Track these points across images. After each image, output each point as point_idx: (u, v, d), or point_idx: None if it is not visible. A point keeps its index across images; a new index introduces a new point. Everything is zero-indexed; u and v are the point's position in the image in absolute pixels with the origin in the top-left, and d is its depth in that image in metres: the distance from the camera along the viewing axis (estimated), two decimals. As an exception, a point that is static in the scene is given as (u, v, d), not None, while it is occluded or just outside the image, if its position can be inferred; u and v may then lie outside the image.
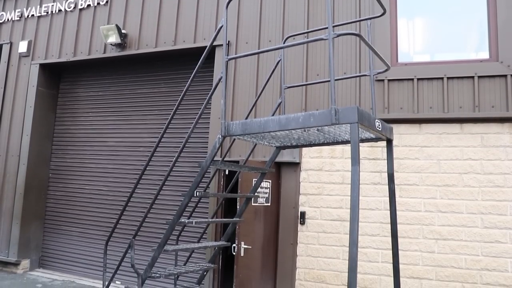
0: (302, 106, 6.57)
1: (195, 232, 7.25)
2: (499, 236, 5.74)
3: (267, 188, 6.32)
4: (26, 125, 8.94)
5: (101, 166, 8.67)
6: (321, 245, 6.30)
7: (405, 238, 5.99)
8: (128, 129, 8.48)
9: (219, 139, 3.91)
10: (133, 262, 4.28)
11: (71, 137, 9.16)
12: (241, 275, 5.84)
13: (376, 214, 6.15)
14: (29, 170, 8.84)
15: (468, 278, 5.78)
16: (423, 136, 6.15)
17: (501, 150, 5.87)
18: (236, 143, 6.65)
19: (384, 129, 3.94)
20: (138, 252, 7.57)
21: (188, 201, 4.06)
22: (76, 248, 8.68)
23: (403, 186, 6.09)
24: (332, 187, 6.35)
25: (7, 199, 8.94)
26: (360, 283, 6.04)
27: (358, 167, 3.10)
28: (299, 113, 3.44)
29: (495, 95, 5.91)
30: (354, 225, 3.04)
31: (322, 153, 6.45)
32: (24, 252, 8.76)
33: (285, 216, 6.50)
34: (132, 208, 7.90)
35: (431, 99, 6.13)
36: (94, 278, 8.26)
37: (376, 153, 6.26)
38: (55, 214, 9.09)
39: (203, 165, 3.99)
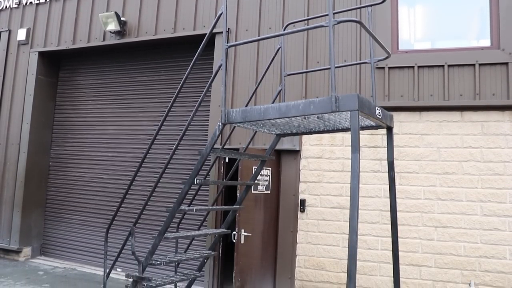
0: (302, 93, 6.55)
1: (195, 219, 7.28)
2: (498, 224, 5.76)
3: (267, 176, 6.33)
4: (26, 113, 8.93)
5: (101, 154, 8.68)
6: (321, 232, 6.33)
7: (404, 226, 6.02)
8: (128, 117, 8.47)
9: (219, 126, 3.91)
10: (134, 249, 4.30)
11: (71, 125, 9.16)
12: (241, 262, 5.87)
13: (375, 202, 6.17)
14: (29, 158, 8.85)
15: (467, 266, 5.81)
16: (423, 124, 6.14)
17: (501, 138, 5.86)
18: (236, 130, 6.65)
19: (385, 116, 3.93)
20: (139, 239, 7.61)
21: (188, 189, 4.06)
22: (77, 236, 8.72)
23: (403, 174, 6.10)
24: (332, 175, 6.36)
25: (7, 188, 8.96)
26: (360, 270, 6.08)
27: (358, 155, 3.10)
28: (299, 101, 3.43)
29: (496, 83, 5.89)
30: (354, 212, 3.05)
31: (322, 141, 6.45)
32: (25, 239, 8.80)
33: (285, 204, 6.52)
34: (132, 196, 7.92)
35: (432, 87, 6.11)
36: (95, 266, 8.31)
37: (376, 140, 6.26)
38: (55, 202, 9.12)
39: (203, 152, 3.99)
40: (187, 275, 5.04)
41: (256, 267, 6.13)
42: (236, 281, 5.79)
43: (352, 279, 2.98)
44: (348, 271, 2.99)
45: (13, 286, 6.86)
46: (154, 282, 4.57)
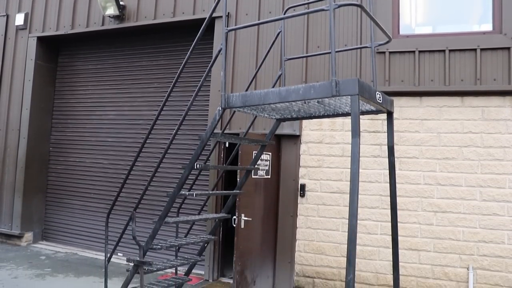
0: (303, 78, 6.53)
1: (195, 204, 7.31)
2: (497, 209, 5.79)
3: (267, 161, 6.33)
4: (25, 99, 8.91)
5: (101, 139, 8.68)
6: (320, 217, 6.36)
7: (404, 211, 6.04)
8: (127, 102, 8.45)
9: (219, 111, 3.90)
10: (135, 234, 4.32)
11: (70, 111, 9.14)
12: (242, 247, 5.91)
13: (375, 187, 6.19)
14: (29, 144, 8.85)
15: (465, 250, 5.85)
16: (423, 109, 6.13)
17: (502, 124, 5.86)
18: (236, 115, 6.64)
19: (385, 101, 3.92)
20: (140, 224, 7.65)
21: (189, 174, 4.07)
22: (78, 221, 8.77)
23: (403, 159, 6.11)
24: (332, 160, 6.37)
25: (8, 173, 8.98)
26: (359, 254, 6.13)
27: (358, 140, 3.10)
28: (299, 85, 3.42)
29: (497, 68, 5.86)
30: (354, 197, 3.05)
31: (322, 126, 6.45)
32: (27, 225, 8.85)
33: (285, 189, 6.54)
34: (132, 181, 7.94)
35: (432, 72, 6.09)
36: (96, 250, 8.37)
37: (376, 126, 6.25)
38: (56, 188, 9.15)
39: (203, 137, 3.98)
40: (188, 259, 5.07)
41: (256, 251, 6.17)
42: (236, 265, 5.84)
43: (351, 263, 3.00)
44: (348, 255, 3.01)
45: (16, 271, 6.91)
46: (155, 266, 4.60)
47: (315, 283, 6.35)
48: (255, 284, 6.15)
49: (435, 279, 5.93)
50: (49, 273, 6.91)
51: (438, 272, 5.92)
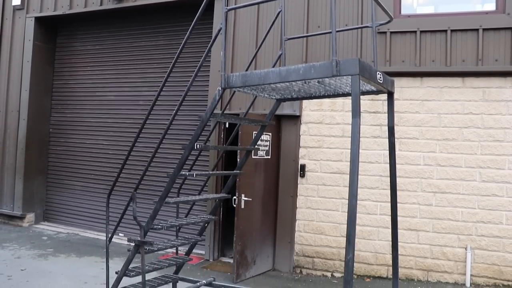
0: (303, 58, 6.49)
1: (195, 185, 7.34)
2: (496, 190, 5.81)
3: (267, 141, 6.34)
4: (24, 80, 8.86)
5: (101, 120, 8.67)
6: (320, 197, 6.39)
7: (403, 191, 6.07)
8: (127, 82, 8.41)
9: (219, 91, 3.88)
10: (135, 214, 4.33)
11: (70, 92, 9.11)
12: (242, 227, 5.96)
13: (375, 167, 6.20)
14: (29, 125, 8.84)
15: (464, 230, 5.90)
16: (424, 90, 6.10)
17: (503, 105, 5.84)
18: (236, 96, 6.61)
19: (386, 81, 3.89)
20: (140, 205, 7.69)
21: (189, 154, 4.07)
22: (79, 202, 8.82)
23: (403, 140, 6.11)
24: (332, 140, 6.37)
25: (9, 154, 9.00)
26: (359, 234, 6.17)
27: (359, 120, 3.09)
28: (299, 65, 3.39)
29: (500, 48, 5.82)
30: (354, 177, 3.06)
31: (322, 106, 6.43)
32: (28, 206, 8.90)
33: (285, 169, 6.56)
34: (133, 162, 7.96)
35: (434, 52, 6.04)
36: (98, 231, 8.44)
37: (376, 106, 6.23)
38: (57, 169, 9.17)
39: (203, 117, 3.97)
40: (188, 239, 5.11)
41: (256, 231, 6.22)
42: (237, 245, 5.89)
43: (351, 243, 3.02)
44: (347, 235, 3.03)
45: (19, 251, 6.98)
46: (156, 246, 4.64)
47: (315, 263, 6.41)
48: (255, 264, 6.22)
49: (433, 259, 5.99)
50: (51, 253, 6.98)
51: (437, 252, 5.98)
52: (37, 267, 6.17)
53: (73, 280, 5.71)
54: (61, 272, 6.01)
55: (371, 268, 6.20)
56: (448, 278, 5.93)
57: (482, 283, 5.82)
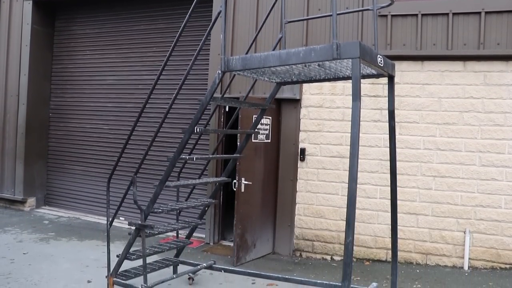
0: (303, 41, 6.45)
1: (196, 169, 7.35)
2: (496, 174, 5.82)
3: (267, 125, 6.33)
4: (23, 64, 8.82)
5: (101, 104, 8.65)
6: (320, 181, 6.41)
7: (403, 175, 6.08)
8: (126, 66, 8.37)
9: (218, 74, 3.86)
10: (136, 198, 4.35)
11: (69, 76, 9.07)
12: (242, 211, 5.99)
13: (375, 151, 6.20)
14: (29, 110, 8.82)
15: (463, 214, 5.92)
16: (425, 74, 6.07)
17: (504, 89, 5.82)
18: (236, 79, 6.57)
19: (386, 65, 3.88)
20: (140, 189, 7.70)
21: (189, 138, 4.07)
22: (80, 186, 8.84)
23: (403, 124, 6.10)
24: (332, 124, 6.36)
25: (9, 139, 8.99)
26: (358, 218, 6.20)
27: (359, 103, 3.08)
28: (300, 48, 3.38)
29: (502, 32, 5.77)
30: (354, 161, 3.06)
31: (322, 90, 6.41)
32: (29, 190, 8.93)
33: (285, 153, 6.57)
34: (133, 146, 7.96)
35: (435, 36, 6.00)
36: (98, 215, 8.49)
37: (377, 90, 6.21)
38: (57, 153, 9.18)
39: (203, 101, 3.97)
40: (189, 222, 5.14)
41: (256, 215, 6.25)
42: (237, 228, 5.92)
43: (350, 226, 3.04)
44: (347, 218, 3.04)
45: (21, 235, 7.02)
46: (156, 229, 4.67)
47: (315, 246, 6.46)
48: (255, 247, 6.26)
49: (432, 243, 6.03)
50: (53, 237, 7.02)
51: (436, 236, 6.02)
52: (39, 251, 6.22)
53: (75, 263, 5.75)
54: (62, 255, 6.06)
55: (371, 251, 6.24)
56: (446, 261, 5.98)
57: (480, 266, 5.87)
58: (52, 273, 5.34)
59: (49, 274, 5.30)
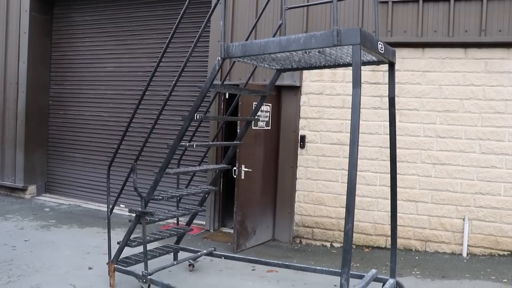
0: (303, 28, 6.41)
1: (196, 156, 7.36)
2: (495, 162, 5.83)
3: (267, 112, 6.32)
4: (22, 51, 8.77)
5: (101, 91, 8.63)
6: (320, 168, 6.42)
7: (403, 163, 6.09)
8: (126, 53, 8.33)
9: (218, 61, 3.85)
10: (136, 185, 4.37)
11: (68, 63, 9.03)
12: (242, 198, 6.00)
13: (375, 139, 6.20)
14: (28, 97, 8.80)
15: (462, 202, 5.94)
16: (425, 61, 6.05)
17: (505, 76, 5.80)
18: (236, 66, 6.55)
19: (387, 52, 3.86)
20: (141, 176, 7.71)
21: (188, 125, 4.07)
22: (80, 174, 8.86)
23: (403, 111, 6.09)
24: (333, 111, 6.35)
25: (9, 127, 8.99)
26: (358, 205, 6.22)
27: (359, 90, 3.08)
28: (300, 35, 3.37)
29: (504, 18, 5.73)
30: (354, 148, 3.07)
31: (323, 77, 6.38)
32: (30, 178, 8.94)
33: (285, 140, 6.57)
34: (133, 133, 7.95)
35: (436, 23, 5.96)
36: (99, 202, 8.51)
37: (377, 77, 6.19)
38: (57, 141, 9.18)
39: (203, 88, 3.96)
40: (189, 209, 5.16)
41: (256, 202, 6.27)
42: (237, 215, 5.95)
43: (350, 213, 3.05)
44: (347, 205, 3.06)
45: (22, 222, 7.06)
46: (157, 216, 4.69)
47: (314, 233, 6.49)
48: (255, 234, 6.30)
49: (431, 230, 6.06)
50: (54, 224, 7.05)
51: (435, 223, 6.04)
52: (40, 238, 6.25)
53: (76, 250, 5.79)
54: (63, 242, 6.09)
55: (370, 238, 6.27)
56: (445, 248, 6.01)
57: (478, 253, 5.90)
58: (53, 259, 5.38)
59: (51, 260, 5.34)
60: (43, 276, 4.84)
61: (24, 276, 4.80)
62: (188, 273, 5.10)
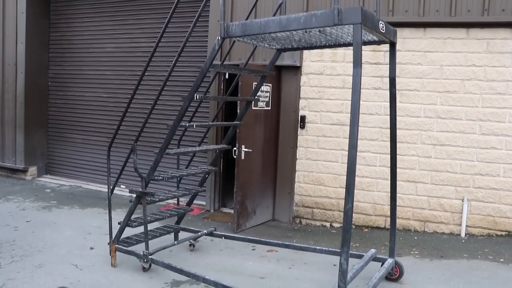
0: (304, 7, 6.34)
1: (196, 136, 7.36)
2: (495, 143, 5.83)
3: (267, 92, 6.30)
4: (19, 32, 8.69)
5: (100, 72, 8.58)
6: (320, 148, 6.42)
7: (403, 143, 6.09)
8: (125, 34, 8.26)
9: (218, 41, 3.82)
10: (136, 165, 4.37)
11: (67, 44, 8.96)
12: (242, 178, 6.02)
13: (375, 119, 6.19)
14: (27, 78, 8.76)
15: (462, 182, 5.96)
16: (427, 41, 6.00)
17: (507, 57, 5.75)
18: (236, 46, 6.50)
19: (388, 31, 3.83)
20: (141, 157, 7.73)
21: (188, 105, 4.06)
22: (81, 155, 8.87)
23: (404, 92, 6.07)
24: (333, 92, 6.33)
25: (8, 108, 8.97)
26: (358, 186, 6.25)
27: (360, 70, 3.06)
28: (300, 14, 3.34)
29: (507, -3, 5.66)
30: (354, 128, 3.07)
31: (323, 57, 6.34)
32: (30, 159, 8.96)
33: (285, 120, 6.56)
34: (133, 114, 7.94)
35: (438, 2, 5.89)
36: (100, 183, 8.55)
37: (378, 57, 6.14)
38: (57, 122, 9.17)
39: (203, 68, 3.94)
40: (189, 190, 5.18)
41: (256, 182, 6.30)
42: (237, 195, 5.98)
43: (350, 193, 3.07)
44: (347, 185, 3.07)
45: (23, 203, 7.09)
46: (157, 196, 4.71)
47: (314, 213, 6.53)
48: (255, 214, 6.34)
49: (430, 210, 6.09)
50: (55, 205, 7.09)
51: (434, 203, 6.07)
52: (41, 219, 6.29)
53: (77, 230, 5.83)
54: (65, 223, 6.13)
55: (369, 218, 6.31)
56: (444, 228, 6.05)
57: (476, 233, 5.95)
58: (55, 240, 5.42)
59: (52, 241, 5.38)
60: (45, 256, 4.89)
61: (26, 256, 4.85)
62: (189, 253, 5.14)
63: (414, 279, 4.47)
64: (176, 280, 4.33)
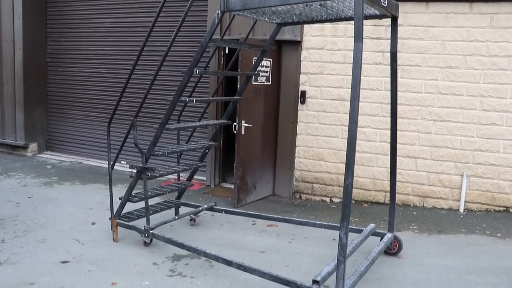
0: (305, -18, 6.24)
1: (196, 112, 7.34)
2: (496, 119, 5.81)
3: (268, 67, 6.25)
4: (16, 7, 8.57)
5: (99, 48, 8.50)
6: (320, 124, 6.41)
7: (403, 119, 6.08)
8: (123, 8, 8.15)
9: (218, 15, 3.77)
10: (136, 141, 4.37)
11: (65, 19, 8.84)
12: (242, 153, 6.03)
13: (376, 94, 6.16)
14: (26, 54, 8.68)
15: (461, 158, 5.97)
16: (429, 16, 5.92)
17: (510, 32, 5.69)
18: (236, 20, 6.42)
19: (390, 5, 3.77)
20: (141, 132, 7.73)
21: (188, 80, 4.03)
22: (81, 131, 8.87)
23: (405, 67, 6.02)
24: (333, 67, 6.28)
25: (7, 85, 8.92)
26: (358, 161, 6.26)
27: (361, 44, 3.02)
28: (301, -14, 3.27)
29: (513, -31, 5.56)
30: (355, 103, 3.05)
31: (324, 32, 6.27)
32: (30, 136, 8.96)
33: (286, 95, 6.53)
34: (132, 89, 7.90)
35: (442, -25, 5.79)
36: (100, 159, 8.57)
37: (379, 32, 6.08)
38: (57, 98, 9.14)
39: (202, 42, 3.89)
40: (189, 165, 5.20)
41: (256, 157, 6.31)
42: (237, 171, 6.00)
43: (350, 168, 3.07)
44: (347, 160, 3.07)
45: (25, 179, 7.12)
46: (158, 172, 4.73)
47: (314, 188, 6.57)
48: (255, 189, 6.37)
49: (429, 186, 6.12)
50: (56, 181, 7.13)
51: (433, 179, 6.10)
52: (43, 195, 6.33)
53: (79, 206, 5.87)
54: (66, 199, 6.17)
55: (369, 194, 6.35)
56: (443, 204, 6.09)
57: (475, 209, 5.99)
58: (57, 215, 5.47)
59: (54, 216, 5.43)
60: (47, 231, 4.93)
61: (29, 231, 4.90)
62: (190, 228, 5.19)
63: (413, 254, 4.52)
64: (177, 254, 4.38)
